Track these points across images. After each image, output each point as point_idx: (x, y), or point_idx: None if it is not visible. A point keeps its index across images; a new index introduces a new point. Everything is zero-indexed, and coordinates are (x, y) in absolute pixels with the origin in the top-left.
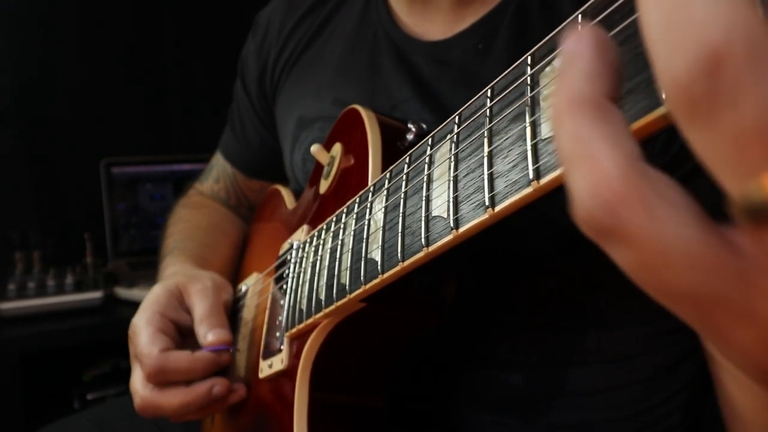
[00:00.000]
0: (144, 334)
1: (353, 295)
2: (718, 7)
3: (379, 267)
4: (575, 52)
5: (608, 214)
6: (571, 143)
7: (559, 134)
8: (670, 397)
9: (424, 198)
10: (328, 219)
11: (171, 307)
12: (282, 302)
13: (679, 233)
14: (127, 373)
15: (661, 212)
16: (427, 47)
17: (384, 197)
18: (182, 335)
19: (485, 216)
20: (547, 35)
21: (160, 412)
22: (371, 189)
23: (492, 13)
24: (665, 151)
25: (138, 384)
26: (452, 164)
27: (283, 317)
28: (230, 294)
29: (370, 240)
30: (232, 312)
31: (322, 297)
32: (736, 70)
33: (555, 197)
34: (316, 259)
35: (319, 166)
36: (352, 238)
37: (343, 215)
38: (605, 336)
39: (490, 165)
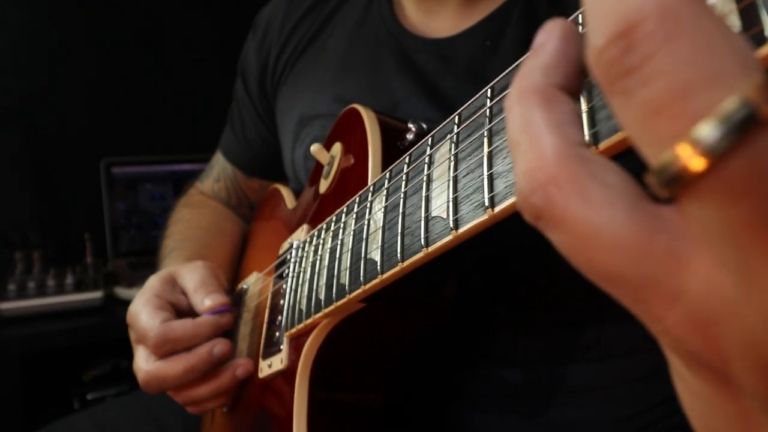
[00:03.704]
0: (143, 313)
1: (353, 295)
2: None
3: (378, 267)
4: (539, 44)
5: (539, 195)
6: (515, 129)
7: (508, 120)
8: (672, 397)
9: (423, 198)
10: (328, 218)
11: (166, 291)
12: (282, 302)
13: (608, 214)
14: (127, 373)
15: (592, 194)
16: (433, 44)
17: (384, 197)
18: (181, 316)
19: (485, 217)
20: None
21: (165, 383)
22: (371, 189)
23: (500, 10)
24: None
25: (141, 361)
26: (452, 164)
27: (282, 317)
28: (225, 278)
29: (369, 240)
30: None
31: (322, 297)
32: (647, 40)
33: None
34: (316, 259)
35: (319, 166)
36: (351, 237)
37: (343, 215)
38: (606, 331)
39: (490, 165)
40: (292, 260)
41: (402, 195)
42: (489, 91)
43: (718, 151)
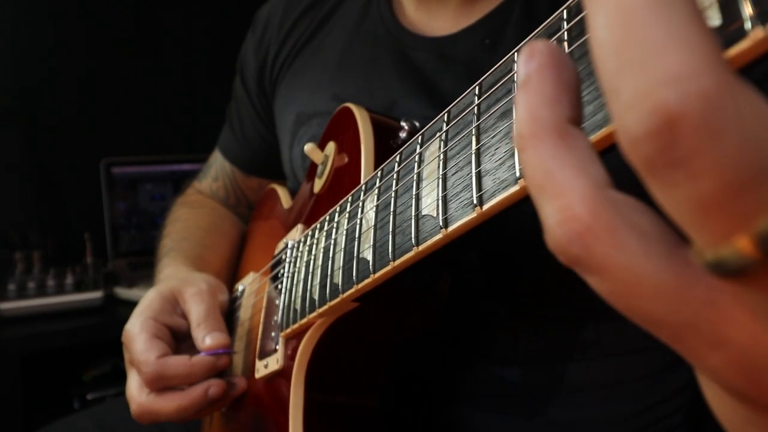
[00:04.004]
0: (139, 340)
1: (346, 294)
2: (673, 56)
3: (370, 266)
4: (531, 74)
5: (577, 245)
6: (536, 174)
7: (524, 164)
8: (672, 397)
9: (414, 197)
10: (322, 218)
11: (165, 312)
12: (277, 302)
13: (648, 263)
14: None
15: (629, 242)
16: (431, 43)
17: (375, 196)
18: (177, 340)
19: (473, 215)
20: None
21: (157, 417)
22: (363, 188)
23: (499, 8)
24: None
25: (134, 391)
26: (441, 162)
27: (278, 317)
28: (226, 295)
29: (362, 239)
30: (229, 312)
31: (316, 297)
32: (691, 137)
33: None
34: (310, 259)
35: (314, 165)
36: (344, 237)
37: (336, 214)
38: (605, 329)
39: (478, 163)
40: (287, 260)
41: (393, 194)
42: (477, 88)
43: None
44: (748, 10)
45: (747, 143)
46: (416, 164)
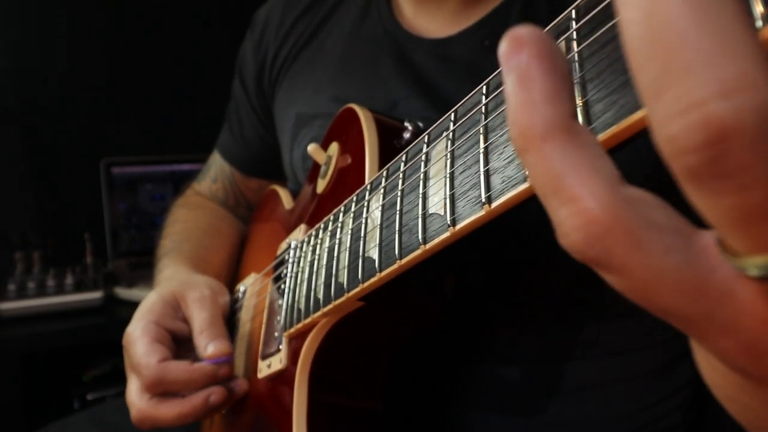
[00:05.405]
0: (140, 344)
1: (351, 293)
2: (726, 66)
3: (376, 265)
4: (524, 68)
5: (597, 248)
6: (545, 177)
7: (529, 167)
8: (672, 395)
9: (420, 195)
10: (326, 218)
11: (166, 317)
12: (280, 302)
13: (667, 262)
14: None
15: (647, 240)
16: (431, 44)
17: (381, 195)
18: (178, 344)
19: (482, 213)
20: None
21: (157, 423)
22: (368, 187)
23: (498, 9)
24: None
25: (135, 396)
26: (448, 161)
27: (281, 317)
28: (227, 298)
29: (367, 238)
30: (230, 313)
31: (320, 296)
32: (742, 152)
33: None
34: (314, 259)
35: (316, 166)
36: (349, 236)
37: (341, 214)
38: (605, 327)
39: (486, 161)
40: (290, 260)
41: (399, 193)
42: (484, 88)
43: None
44: (759, 8)
45: None
46: (423, 163)
